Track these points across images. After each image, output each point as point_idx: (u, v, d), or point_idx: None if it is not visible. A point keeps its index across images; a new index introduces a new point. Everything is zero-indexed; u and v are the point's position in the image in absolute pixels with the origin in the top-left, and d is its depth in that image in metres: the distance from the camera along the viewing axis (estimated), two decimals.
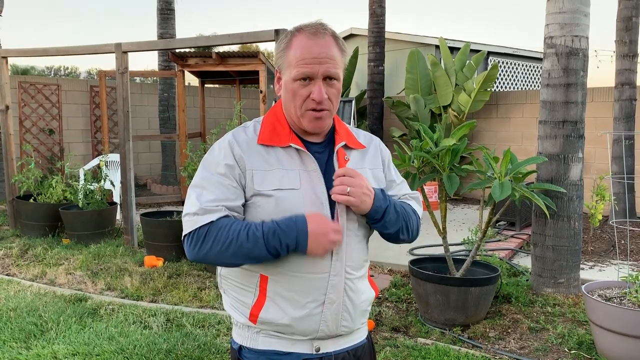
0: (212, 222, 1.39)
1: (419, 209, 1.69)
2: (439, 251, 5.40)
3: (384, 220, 1.51)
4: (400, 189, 1.68)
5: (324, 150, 1.52)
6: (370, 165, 1.59)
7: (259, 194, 1.42)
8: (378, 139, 1.68)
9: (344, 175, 1.44)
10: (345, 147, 1.55)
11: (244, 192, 1.44)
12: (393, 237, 1.59)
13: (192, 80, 10.89)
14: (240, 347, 1.54)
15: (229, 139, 1.47)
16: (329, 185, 1.47)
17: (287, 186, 1.42)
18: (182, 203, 8.33)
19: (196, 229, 1.40)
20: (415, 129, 8.94)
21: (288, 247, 1.38)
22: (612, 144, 6.91)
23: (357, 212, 1.48)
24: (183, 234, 1.45)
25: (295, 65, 1.41)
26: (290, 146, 1.47)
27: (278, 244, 1.37)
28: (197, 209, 1.41)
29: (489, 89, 8.56)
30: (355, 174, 1.46)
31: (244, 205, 1.45)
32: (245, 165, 1.44)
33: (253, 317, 1.48)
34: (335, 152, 1.51)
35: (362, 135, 1.64)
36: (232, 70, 7.98)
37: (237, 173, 1.43)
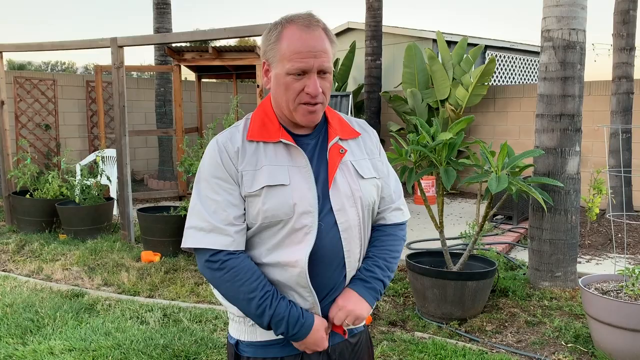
0: (227, 253, 1.42)
1: (404, 215, 1.66)
2: (436, 245, 5.40)
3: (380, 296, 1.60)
4: (389, 185, 1.64)
5: (314, 142, 1.51)
6: (370, 154, 1.59)
7: (249, 195, 1.43)
8: (364, 121, 1.67)
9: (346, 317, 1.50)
10: (340, 139, 1.53)
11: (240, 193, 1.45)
12: None
13: (188, 74, 10.84)
14: (237, 342, 1.54)
15: (218, 148, 1.46)
16: (320, 177, 1.47)
17: (276, 182, 1.41)
18: (179, 198, 8.32)
19: (215, 253, 1.42)
20: (413, 124, 8.93)
21: (283, 334, 1.45)
22: (609, 138, 6.91)
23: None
24: (190, 246, 1.45)
25: (290, 59, 1.39)
26: (280, 142, 1.46)
27: (278, 329, 1.44)
28: (206, 223, 1.43)
29: (486, 83, 8.55)
30: (357, 320, 1.51)
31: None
32: (238, 167, 1.44)
33: None
34: (327, 149, 1.49)
35: (355, 122, 1.63)
36: (228, 65, 7.94)
37: (232, 175, 1.44)
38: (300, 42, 1.39)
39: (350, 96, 8.40)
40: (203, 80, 10.28)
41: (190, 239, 1.45)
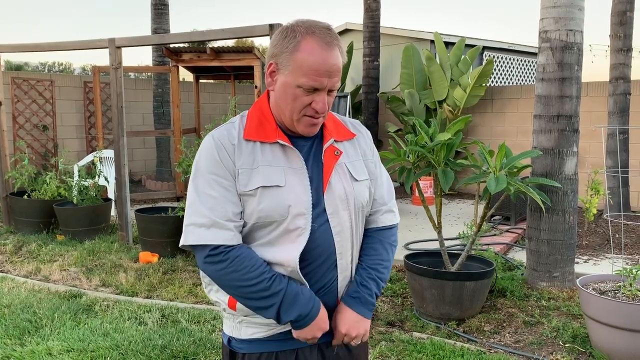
0: (228, 246, 1.41)
1: (395, 217, 1.67)
2: (434, 246, 5.40)
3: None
4: (381, 186, 1.64)
5: (309, 143, 1.51)
6: (363, 156, 1.59)
7: (244, 194, 1.42)
8: (358, 122, 1.67)
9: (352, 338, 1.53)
10: (335, 141, 1.53)
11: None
12: None
13: (186, 75, 10.83)
14: (230, 339, 1.56)
15: (215, 144, 1.44)
16: (314, 179, 1.47)
17: (271, 183, 1.41)
18: (177, 199, 8.31)
19: (216, 247, 1.41)
20: (411, 124, 8.94)
21: (294, 316, 1.44)
22: (607, 138, 6.93)
23: None
24: (192, 243, 1.43)
25: (305, 74, 1.37)
26: (277, 142, 1.45)
27: (291, 309, 1.42)
28: (205, 219, 1.41)
29: (484, 84, 8.56)
30: (361, 336, 1.55)
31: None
32: (235, 163, 1.43)
33: (232, 302, 1.48)
34: (323, 151, 1.50)
35: (349, 123, 1.63)
36: (226, 66, 7.94)
37: (230, 172, 1.43)
38: (320, 60, 1.37)
39: (348, 97, 8.42)
40: (201, 81, 10.27)
41: (191, 236, 1.42)
